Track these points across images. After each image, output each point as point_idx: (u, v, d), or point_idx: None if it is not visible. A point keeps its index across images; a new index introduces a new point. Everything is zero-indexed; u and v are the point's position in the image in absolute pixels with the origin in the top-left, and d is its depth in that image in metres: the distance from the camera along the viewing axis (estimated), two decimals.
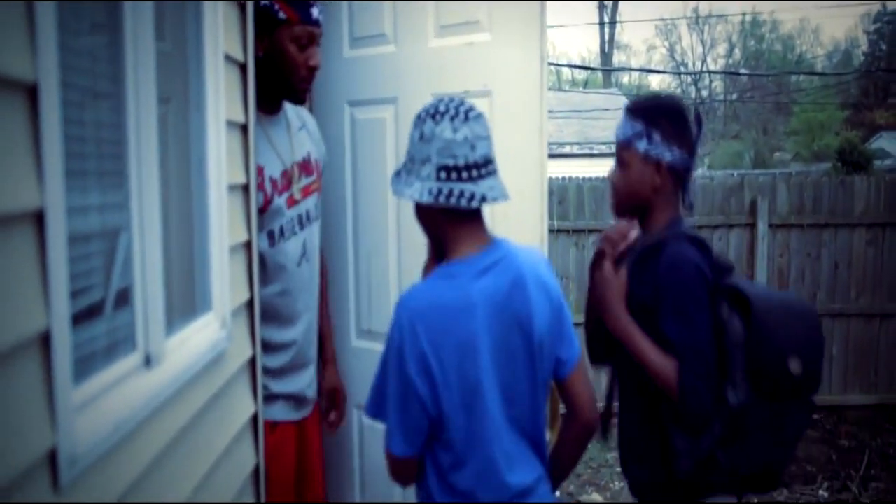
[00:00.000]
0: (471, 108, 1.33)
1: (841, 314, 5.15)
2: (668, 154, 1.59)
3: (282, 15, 1.75)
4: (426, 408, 1.29)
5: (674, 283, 1.51)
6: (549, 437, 2.08)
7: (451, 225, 1.35)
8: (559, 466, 1.51)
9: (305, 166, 1.94)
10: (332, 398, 2.12)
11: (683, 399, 1.46)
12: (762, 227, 5.08)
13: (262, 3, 1.74)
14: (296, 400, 1.91)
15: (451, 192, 1.28)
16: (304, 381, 1.93)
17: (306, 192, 1.92)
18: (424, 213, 1.37)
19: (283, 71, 1.78)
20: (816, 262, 5.17)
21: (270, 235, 1.79)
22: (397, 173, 1.38)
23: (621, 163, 1.65)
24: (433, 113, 1.32)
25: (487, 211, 2.09)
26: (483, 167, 1.31)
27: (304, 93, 1.87)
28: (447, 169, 1.29)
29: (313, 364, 1.99)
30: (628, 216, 1.69)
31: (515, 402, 1.35)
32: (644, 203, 1.64)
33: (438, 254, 1.42)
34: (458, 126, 1.29)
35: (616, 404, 1.76)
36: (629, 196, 1.65)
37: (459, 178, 1.29)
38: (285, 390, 1.87)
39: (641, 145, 1.60)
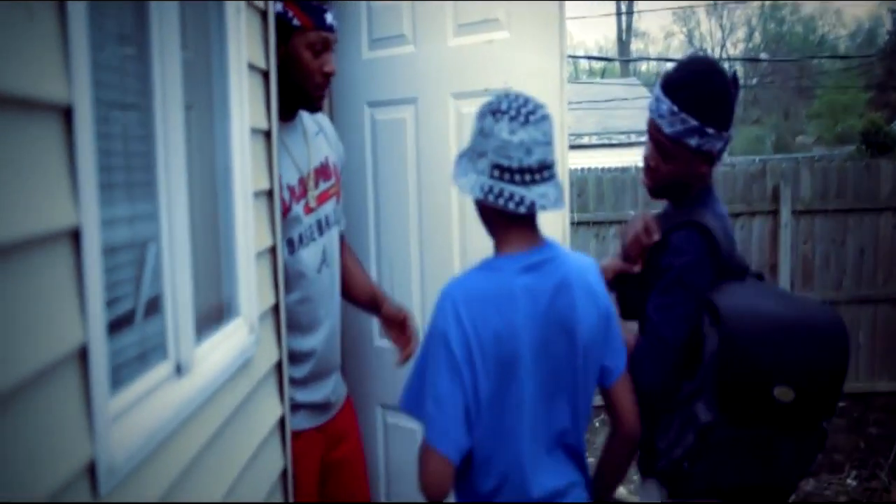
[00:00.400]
0: (533, 111, 1.30)
1: (868, 300, 5.08)
2: (719, 143, 1.53)
3: (296, 22, 1.75)
4: (467, 396, 1.28)
5: (670, 268, 1.49)
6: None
7: (502, 222, 1.35)
8: (604, 479, 1.49)
9: (324, 171, 1.94)
10: (398, 326, 2.06)
11: (632, 371, 1.47)
12: (785, 213, 5.02)
13: (276, 10, 1.74)
14: (320, 408, 1.91)
15: (501, 193, 1.28)
16: (328, 389, 1.92)
17: (324, 197, 1.92)
18: (481, 205, 1.37)
19: (298, 77, 1.78)
20: (842, 249, 5.09)
21: (290, 243, 1.80)
22: (461, 156, 1.39)
23: (665, 153, 1.54)
24: (495, 109, 1.31)
25: None
26: (537, 172, 1.29)
27: (319, 100, 1.86)
28: (501, 168, 1.28)
29: (336, 371, 1.98)
30: (664, 196, 1.65)
31: (554, 405, 1.34)
32: (686, 185, 1.59)
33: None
34: (515, 128, 1.28)
35: None
36: (670, 179, 1.58)
37: (512, 181, 1.28)
38: (308, 399, 1.86)
39: (693, 141, 1.50)
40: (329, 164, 1.97)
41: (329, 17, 1.81)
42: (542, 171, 1.30)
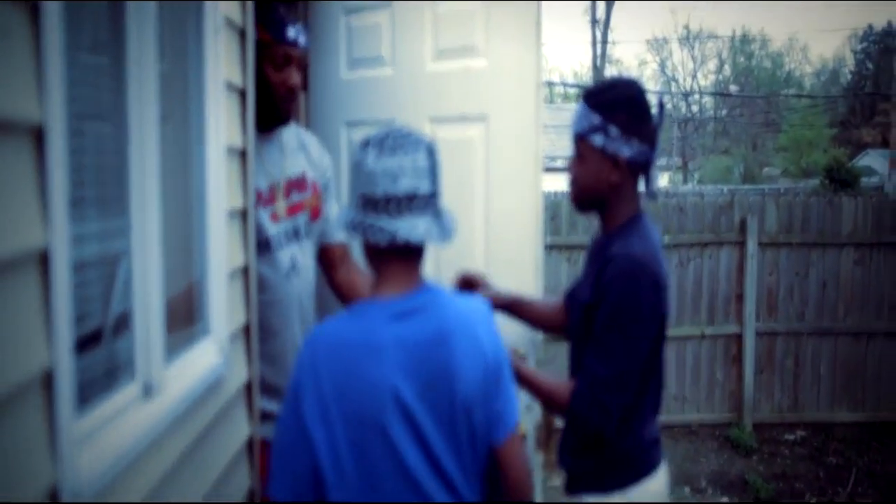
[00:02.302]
0: (405, 142, 1.21)
1: (829, 332, 5.20)
2: (626, 149, 1.50)
3: (256, 36, 1.75)
4: (317, 456, 1.16)
5: (623, 296, 1.43)
6: (543, 457, 2.10)
7: (378, 260, 1.26)
8: None
9: (298, 184, 1.94)
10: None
11: (575, 411, 1.47)
12: (752, 245, 5.13)
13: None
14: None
15: (363, 225, 1.20)
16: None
17: (296, 208, 1.92)
18: (362, 244, 1.28)
19: (263, 91, 1.78)
20: (805, 281, 5.22)
21: (261, 244, 1.79)
22: (350, 182, 1.30)
23: (578, 155, 1.56)
24: (365, 141, 1.24)
25: (482, 235, 2.13)
26: (404, 201, 1.19)
27: (285, 113, 1.86)
28: (366, 199, 1.20)
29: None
30: (588, 210, 1.63)
31: (440, 463, 1.20)
32: (602, 198, 1.56)
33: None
34: (381, 156, 1.20)
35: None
36: (586, 190, 1.57)
37: (375, 211, 1.20)
38: (275, 410, 1.85)
39: (598, 140, 1.50)
40: (306, 179, 1.97)
41: (292, 32, 1.80)
42: (411, 202, 1.19)
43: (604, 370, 1.44)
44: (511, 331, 2.04)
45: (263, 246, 1.81)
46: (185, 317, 1.35)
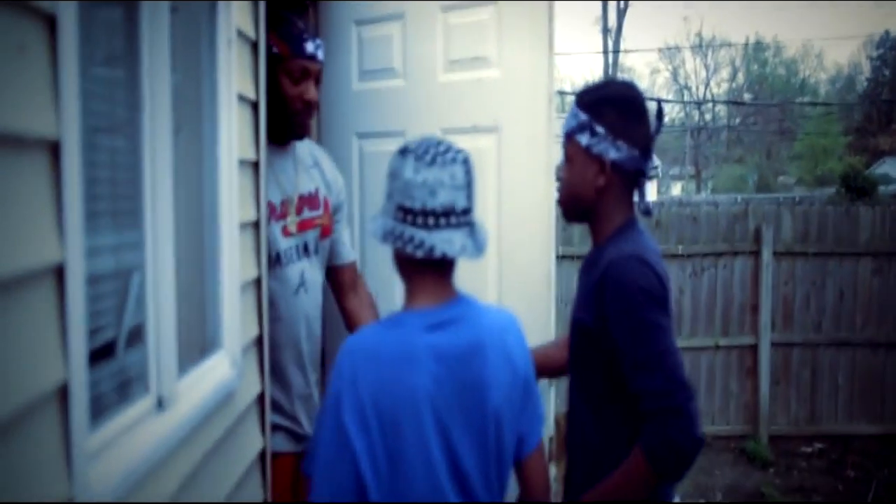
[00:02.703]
0: (443, 153, 1.22)
1: (847, 343, 5.14)
2: (612, 151, 1.40)
3: (275, 49, 1.78)
4: (359, 465, 1.16)
5: (623, 313, 1.33)
6: (556, 471, 2.08)
7: (411, 270, 1.27)
8: None
9: (310, 200, 1.95)
10: None
11: (667, 448, 1.29)
12: (767, 255, 5.09)
13: None
14: (293, 434, 1.89)
15: (401, 235, 1.20)
16: (301, 416, 1.90)
17: (307, 224, 1.92)
18: (395, 253, 1.28)
19: (280, 105, 1.80)
20: (821, 291, 5.16)
21: (273, 259, 1.80)
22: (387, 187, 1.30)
23: (566, 157, 1.48)
24: (403, 149, 1.24)
25: (494, 245, 2.12)
26: (442, 216, 1.20)
27: (301, 127, 1.87)
28: (404, 210, 1.21)
29: (310, 399, 1.94)
30: (575, 218, 1.54)
31: (466, 474, 1.23)
32: (589, 206, 1.47)
33: None
34: (420, 168, 1.20)
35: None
36: (573, 197, 1.48)
37: (414, 223, 1.20)
38: (283, 422, 1.86)
39: (583, 139, 1.42)
40: (318, 196, 1.98)
41: (310, 46, 1.81)
42: (449, 216, 1.20)
43: (652, 379, 1.31)
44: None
45: (274, 261, 1.81)
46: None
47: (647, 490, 1.33)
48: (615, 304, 1.34)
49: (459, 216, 1.22)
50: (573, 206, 1.51)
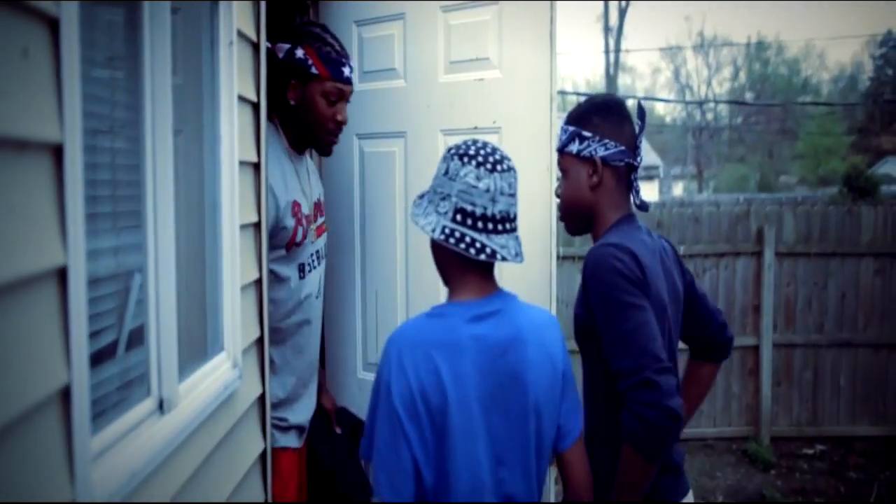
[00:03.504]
0: (501, 161, 1.29)
1: (848, 344, 5.13)
2: (601, 149, 1.51)
3: (314, 70, 1.88)
4: (413, 449, 1.21)
5: (600, 280, 1.39)
6: (557, 472, 2.08)
7: (457, 267, 1.32)
8: None
9: (319, 206, 2.05)
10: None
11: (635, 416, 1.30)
12: (769, 255, 5.08)
13: (298, 56, 1.87)
14: (301, 430, 1.99)
15: (462, 237, 1.25)
16: (308, 413, 2.00)
17: (320, 231, 2.03)
18: (437, 248, 1.34)
19: (311, 121, 1.91)
20: (823, 292, 5.15)
21: (301, 268, 1.90)
22: (421, 196, 1.36)
23: (561, 172, 1.59)
24: (463, 153, 1.28)
25: None
26: (500, 223, 1.27)
27: (329, 145, 1.98)
28: (464, 213, 1.26)
29: (312, 396, 2.04)
30: (578, 228, 1.61)
31: (504, 463, 1.27)
32: (588, 208, 1.55)
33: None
34: (482, 174, 1.26)
35: None
36: (573, 204, 1.57)
37: (474, 227, 1.25)
38: (297, 421, 1.94)
39: (574, 147, 1.54)
40: (321, 201, 2.09)
41: (347, 71, 1.93)
42: (505, 223, 1.28)
43: (624, 357, 1.34)
44: None
45: (306, 267, 1.91)
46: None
47: (645, 473, 1.33)
48: (592, 289, 1.41)
49: (513, 222, 1.30)
50: (573, 212, 1.59)
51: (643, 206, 1.58)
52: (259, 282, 1.59)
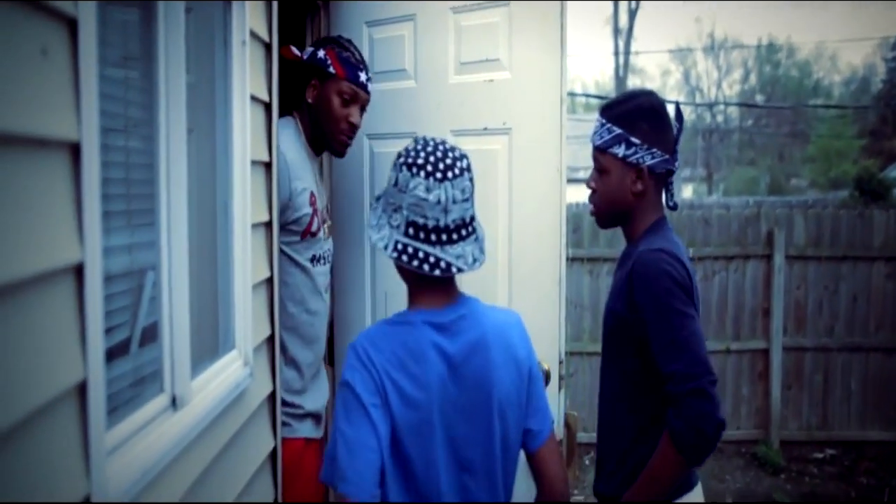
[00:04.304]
0: (452, 165, 1.21)
1: (859, 348, 5.10)
2: (648, 157, 1.53)
3: (331, 69, 1.95)
4: (380, 436, 1.16)
5: (653, 284, 1.41)
6: (567, 473, 2.08)
7: (417, 277, 1.27)
8: None
9: (328, 210, 2.13)
10: None
11: (692, 430, 1.33)
12: (779, 258, 5.06)
13: (319, 56, 1.96)
14: (317, 418, 2.02)
15: (415, 254, 1.21)
16: (322, 401, 2.05)
17: (331, 231, 2.10)
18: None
19: (325, 119, 1.97)
20: (834, 296, 5.12)
21: (314, 259, 1.95)
22: (377, 200, 1.30)
23: (600, 169, 1.58)
24: (412, 162, 1.21)
25: (504, 247, 2.13)
26: (454, 232, 1.22)
27: (342, 145, 2.02)
28: (416, 226, 1.21)
29: (324, 387, 2.09)
30: (611, 225, 1.64)
31: (468, 469, 1.25)
32: (627, 210, 1.58)
33: None
34: (431, 185, 1.19)
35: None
36: (611, 204, 1.59)
37: (427, 241, 1.21)
38: (312, 408, 1.98)
39: (620, 150, 1.53)
40: (328, 206, 2.17)
41: (363, 76, 1.99)
42: (460, 230, 1.22)
43: (677, 362, 1.37)
44: (535, 344, 2.03)
45: (317, 260, 1.96)
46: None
47: (681, 473, 1.39)
48: (644, 291, 1.43)
49: (468, 227, 1.25)
50: (611, 212, 1.61)
51: (674, 207, 1.64)
52: (270, 280, 1.60)
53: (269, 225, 1.60)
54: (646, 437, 1.47)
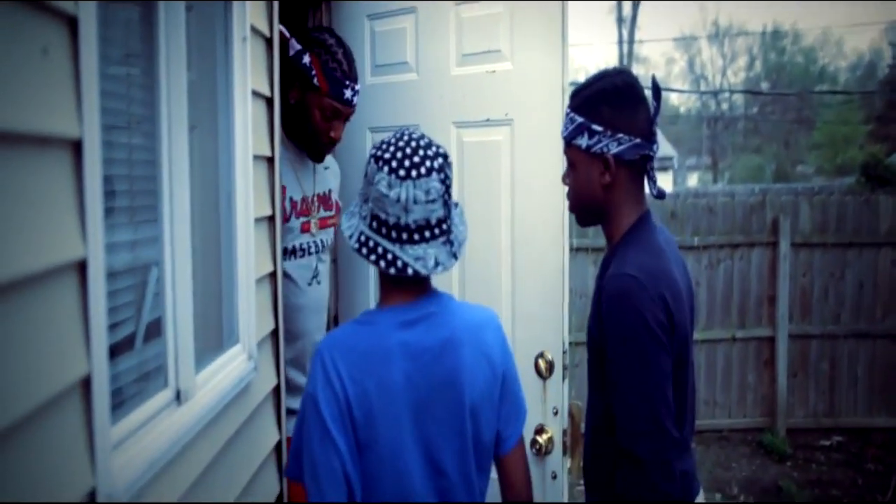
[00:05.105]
0: (420, 164, 1.17)
1: (866, 335, 5.09)
2: (613, 145, 1.37)
3: (315, 82, 1.85)
4: (344, 461, 1.15)
5: (619, 323, 1.31)
6: (570, 463, 2.08)
7: (385, 272, 1.23)
8: None
9: (325, 200, 2.05)
10: None
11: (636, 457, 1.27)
12: (784, 246, 5.04)
13: (303, 62, 1.85)
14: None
15: (374, 248, 1.19)
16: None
17: (323, 223, 2.04)
18: None
19: (306, 128, 1.89)
20: (841, 282, 5.11)
21: (286, 252, 1.88)
22: (359, 193, 1.28)
23: (569, 163, 1.46)
24: (379, 155, 1.20)
25: (507, 238, 2.13)
26: (415, 232, 1.17)
27: (320, 155, 1.96)
28: (378, 220, 1.18)
29: None
30: (589, 222, 1.51)
31: (444, 472, 1.23)
32: (599, 205, 1.44)
33: None
34: (393, 182, 1.16)
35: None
36: (581, 200, 1.46)
37: (388, 237, 1.18)
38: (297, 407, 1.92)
39: (583, 141, 1.39)
40: (331, 197, 2.09)
41: (348, 93, 1.89)
42: (423, 232, 1.18)
43: (626, 415, 1.30)
44: (537, 335, 2.04)
45: (290, 253, 1.90)
46: None
47: None
48: (611, 326, 1.32)
49: (434, 228, 1.19)
50: (584, 209, 1.48)
51: (660, 195, 1.46)
52: (273, 275, 1.60)
53: (271, 219, 1.61)
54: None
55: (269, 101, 1.61)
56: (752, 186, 16.82)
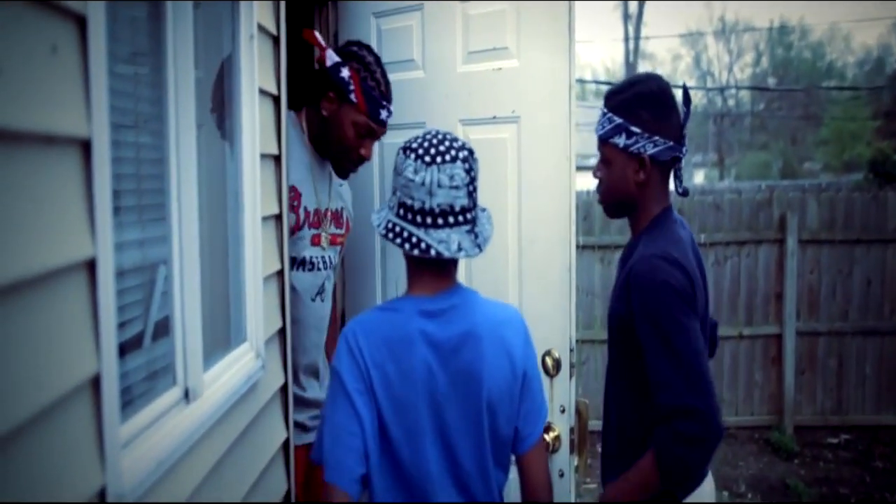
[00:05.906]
0: (445, 152, 1.24)
1: (874, 332, 5.06)
2: (650, 146, 1.50)
3: (353, 98, 1.85)
4: (363, 422, 1.21)
5: (651, 300, 1.39)
6: (577, 461, 2.08)
7: (412, 261, 1.31)
8: None
9: (336, 217, 2.04)
10: None
11: (669, 453, 1.34)
12: (791, 242, 5.02)
13: (342, 75, 1.83)
14: (302, 426, 1.94)
15: (400, 233, 1.24)
16: (306, 415, 1.95)
17: (334, 240, 2.02)
18: None
19: (336, 142, 1.89)
20: (848, 279, 5.08)
21: (293, 263, 1.86)
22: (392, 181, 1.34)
23: (603, 159, 1.57)
24: (407, 146, 1.28)
25: (514, 235, 2.13)
26: (439, 216, 1.23)
27: (346, 172, 1.98)
28: (405, 207, 1.25)
29: (314, 405, 1.99)
30: (618, 215, 1.63)
31: (458, 459, 1.26)
32: (631, 200, 1.56)
33: None
34: (419, 168, 1.23)
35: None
36: (614, 194, 1.58)
37: (413, 221, 1.24)
38: (296, 417, 1.88)
39: (621, 141, 1.51)
40: (343, 214, 2.08)
41: (384, 114, 1.90)
42: (447, 217, 1.23)
43: (668, 378, 1.36)
44: (544, 333, 2.03)
45: (298, 264, 1.88)
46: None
47: (656, 488, 1.37)
48: (639, 300, 1.40)
49: (458, 215, 1.25)
50: (616, 203, 1.60)
51: (685, 193, 1.60)
52: (281, 273, 1.61)
53: (279, 217, 1.61)
54: (649, 438, 1.42)
55: (277, 100, 1.62)
56: (759, 183, 16.75)
